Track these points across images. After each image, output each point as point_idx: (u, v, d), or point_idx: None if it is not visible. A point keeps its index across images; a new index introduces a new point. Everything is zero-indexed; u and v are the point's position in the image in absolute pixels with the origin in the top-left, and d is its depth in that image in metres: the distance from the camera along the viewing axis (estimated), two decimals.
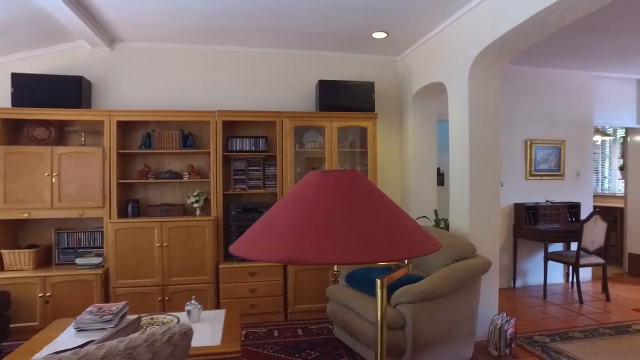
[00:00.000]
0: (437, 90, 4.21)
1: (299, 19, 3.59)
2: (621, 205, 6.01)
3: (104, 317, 2.27)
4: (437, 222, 3.97)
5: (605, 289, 4.57)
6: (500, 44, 3.06)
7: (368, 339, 2.78)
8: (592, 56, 4.65)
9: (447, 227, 3.82)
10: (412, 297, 2.62)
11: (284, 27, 3.78)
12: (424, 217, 4.18)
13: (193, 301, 2.68)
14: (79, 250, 3.80)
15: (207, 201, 4.08)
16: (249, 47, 4.34)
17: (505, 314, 3.19)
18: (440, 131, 4.77)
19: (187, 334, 1.15)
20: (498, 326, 3.08)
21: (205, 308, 3.67)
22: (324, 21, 3.63)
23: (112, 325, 2.20)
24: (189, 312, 2.63)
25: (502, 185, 4.94)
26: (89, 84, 3.98)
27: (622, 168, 6.47)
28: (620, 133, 6.92)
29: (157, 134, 3.96)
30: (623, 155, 6.12)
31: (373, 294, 2.98)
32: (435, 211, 4.12)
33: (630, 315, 4.05)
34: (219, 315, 2.81)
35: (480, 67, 3.30)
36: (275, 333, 3.63)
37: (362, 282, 3.15)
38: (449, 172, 3.60)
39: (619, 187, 7.09)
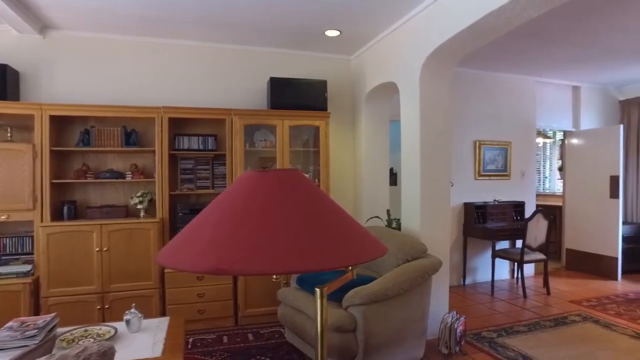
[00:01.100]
0: (389, 90, 4.23)
1: (248, 13, 3.46)
2: (560, 203, 6.36)
3: (27, 333, 2.04)
4: (389, 222, 3.98)
5: (546, 284, 4.80)
6: (450, 45, 3.10)
7: None
8: (535, 62, 4.87)
9: (399, 227, 3.84)
10: (363, 299, 2.58)
11: (234, 21, 3.64)
12: (377, 217, 4.18)
13: (133, 310, 2.49)
14: (3, 258, 3.45)
15: (152, 202, 3.85)
16: (197, 41, 4.15)
17: (455, 312, 3.24)
18: (393, 131, 4.80)
19: (107, 353, 1.02)
20: (448, 325, 3.12)
21: (150, 315, 3.47)
22: (275, 17, 3.53)
23: (36, 342, 1.98)
24: (128, 322, 2.44)
25: (452, 185, 5.06)
26: (15, 73, 3.62)
27: (561, 169, 6.86)
28: (559, 136, 7.34)
29: (97, 130, 3.69)
30: (561, 157, 6.48)
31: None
32: (388, 211, 4.14)
33: (567, 307, 4.27)
34: (162, 323, 2.64)
35: (432, 68, 3.34)
36: (225, 339, 3.48)
37: (314, 284, 3.08)
38: (401, 172, 3.62)
39: (558, 186, 7.52)
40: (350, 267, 1.15)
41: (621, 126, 5.37)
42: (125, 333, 2.43)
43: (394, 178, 5.70)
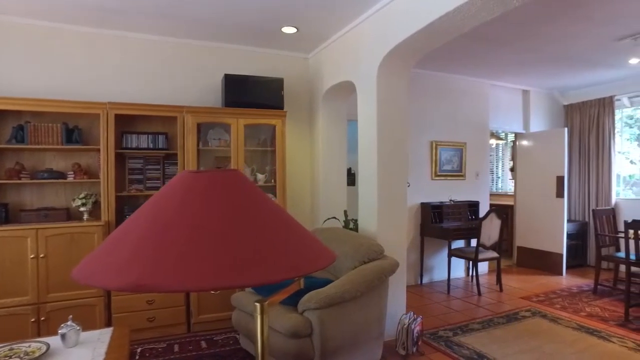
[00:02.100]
0: (347, 90, 4.20)
1: (202, 6, 3.30)
2: (512, 203, 6.61)
3: None
4: (346, 223, 3.94)
5: (499, 281, 4.94)
6: (407, 45, 3.09)
7: (274, 349, 2.61)
8: (488, 65, 5.01)
9: (356, 228, 3.81)
10: (319, 303, 2.51)
11: (187, 15, 3.47)
12: (334, 217, 4.13)
13: (70, 322, 2.28)
14: None
15: (96, 204, 3.60)
16: (148, 34, 3.93)
17: (412, 313, 3.24)
18: (352, 131, 4.77)
19: None
20: (405, 326, 3.11)
21: (94, 327, 3.23)
22: (230, 11, 3.39)
23: None
24: (63, 336, 2.23)
25: (409, 186, 5.11)
26: None
27: (512, 169, 7.13)
28: (511, 137, 7.63)
29: (33, 126, 3.39)
30: (513, 158, 6.74)
31: (282, 301, 2.82)
32: (345, 212, 4.10)
33: (518, 303, 4.41)
34: (104, 335, 2.44)
35: (389, 68, 3.32)
36: (176, 348, 3.31)
37: (269, 288, 2.98)
38: (358, 172, 3.59)
39: (510, 186, 7.81)
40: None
41: (565, 129, 5.64)
42: (59, 349, 2.22)
43: (352, 178, 5.69)
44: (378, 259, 2.93)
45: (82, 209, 3.52)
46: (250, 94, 3.93)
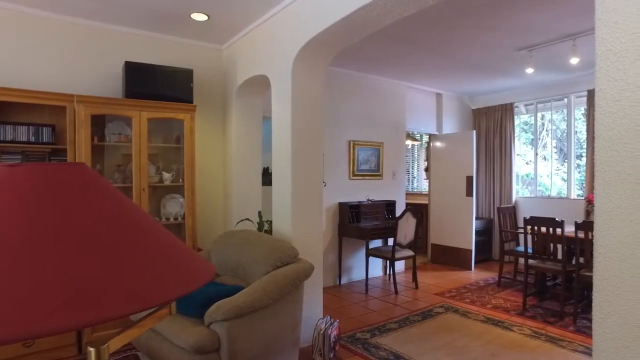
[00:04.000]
0: (263, 85, 3.98)
1: None
2: (426, 202, 6.88)
3: None
4: (260, 225, 3.73)
5: (415, 278, 5.07)
6: (323, 39, 2.98)
7: None
8: (405, 68, 5.12)
9: (271, 230, 3.62)
10: (227, 314, 2.28)
11: None
12: (247, 219, 3.90)
13: None
14: None
15: None
16: (30, 7, 3.35)
17: (329, 317, 3.13)
18: (268, 129, 4.58)
19: None
20: (322, 331, 2.99)
21: None
22: None
23: None
24: None
25: (325, 185, 5.04)
26: None
27: (427, 169, 7.45)
28: (426, 138, 7.98)
29: None
30: (427, 158, 7.03)
31: (186, 313, 2.54)
32: (259, 213, 3.88)
33: (432, 299, 4.55)
34: None
35: (304, 62, 3.18)
36: None
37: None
38: (273, 171, 3.41)
39: (424, 186, 8.17)
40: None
41: (474, 132, 5.99)
42: None
43: (270, 178, 5.49)
44: (292, 263, 2.76)
45: None
46: (155, 84, 3.54)
